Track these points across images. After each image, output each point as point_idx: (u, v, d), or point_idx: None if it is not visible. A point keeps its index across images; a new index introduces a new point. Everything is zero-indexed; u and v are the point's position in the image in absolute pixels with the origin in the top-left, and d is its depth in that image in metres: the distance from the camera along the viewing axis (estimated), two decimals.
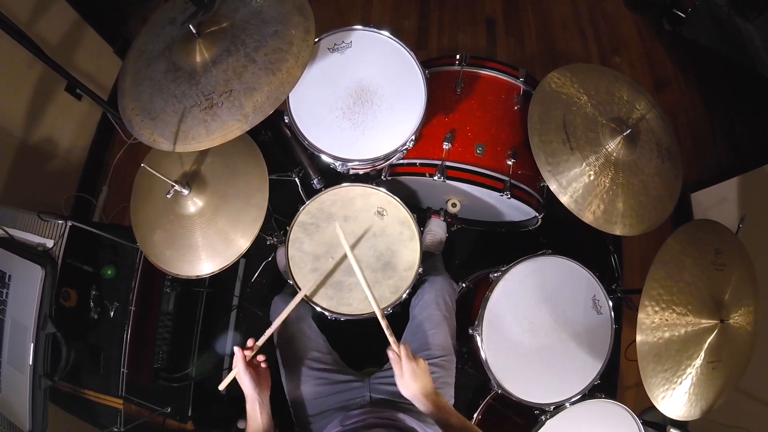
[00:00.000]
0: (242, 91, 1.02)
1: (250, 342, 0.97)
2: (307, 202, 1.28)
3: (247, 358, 0.94)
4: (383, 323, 0.98)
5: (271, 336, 1.03)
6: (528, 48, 2.31)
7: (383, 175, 1.39)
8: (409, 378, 0.91)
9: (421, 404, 0.92)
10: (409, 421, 0.96)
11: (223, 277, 1.73)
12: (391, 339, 0.97)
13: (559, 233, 1.60)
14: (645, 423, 1.24)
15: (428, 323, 1.19)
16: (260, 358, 0.98)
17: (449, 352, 1.18)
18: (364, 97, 1.27)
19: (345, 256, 1.21)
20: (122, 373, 1.29)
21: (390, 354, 0.96)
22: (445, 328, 1.20)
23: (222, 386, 0.96)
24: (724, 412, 1.16)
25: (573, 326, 1.25)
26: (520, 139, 1.32)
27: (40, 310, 1.15)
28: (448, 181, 1.28)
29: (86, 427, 1.40)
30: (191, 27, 1.03)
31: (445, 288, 1.27)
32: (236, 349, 0.95)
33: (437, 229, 1.67)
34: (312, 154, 1.31)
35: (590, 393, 1.23)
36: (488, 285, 1.27)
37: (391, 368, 1.16)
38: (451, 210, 1.51)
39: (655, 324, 1.04)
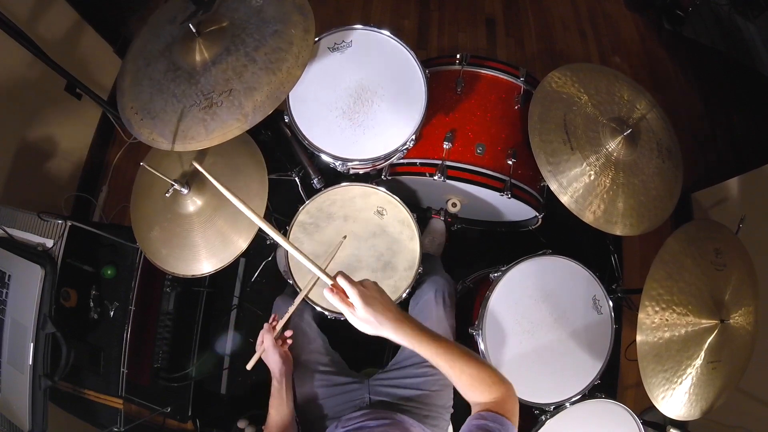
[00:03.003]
0: (242, 90, 1.02)
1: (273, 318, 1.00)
2: (306, 202, 1.28)
3: (276, 334, 0.96)
4: (293, 251, 0.76)
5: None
6: (528, 48, 2.31)
7: (383, 174, 1.39)
8: (363, 308, 0.72)
9: (396, 334, 0.73)
10: (409, 423, 0.95)
11: (223, 277, 1.73)
12: (315, 268, 0.76)
13: (559, 233, 1.60)
14: (645, 423, 1.24)
15: (427, 323, 1.18)
16: (287, 333, 0.99)
17: None
18: (364, 96, 1.27)
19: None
20: (122, 373, 1.29)
21: (327, 293, 0.76)
22: (445, 328, 1.19)
23: (249, 365, 0.95)
24: (724, 412, 1.16)
25: (573, 326, 1.25)
26: (520, 139, 1.32)
27: (39, 310, 1.15)
28: (448, 181, 1.28)
29: (86, 427, 1.40)
30: (191, 26, 1.03)
31: (444, 287, 1.26)
32: (266, 326, 0.97)
33: (437, 230, 1.67)
34: (312, 154, 1.31)
35: (590, 393, 1.23)
36: (488, 285, 1.27)
37: (391, 370, 1.17)
38: (451, 210, 1.51)
39: (655, 324, 1.04)
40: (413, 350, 0.76)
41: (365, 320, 0.73)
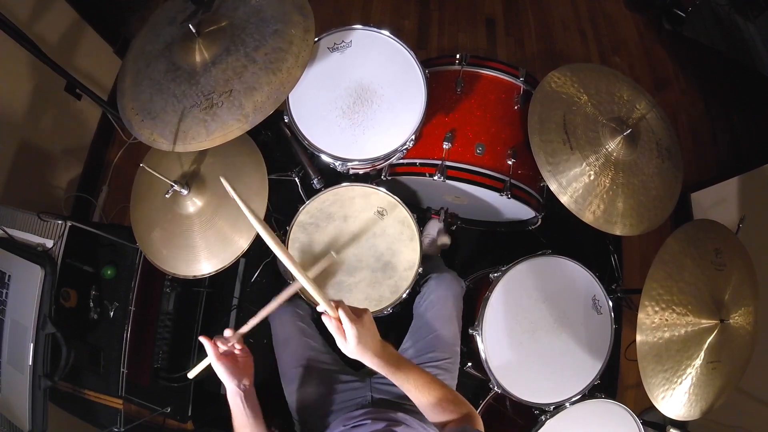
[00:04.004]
0: (242, 90, 1.02)
1: (227, 332, 0.87)
2: (306, 202, 1.28)
3: (220, 349, 0.85)
4: (303, 279, 0.77)
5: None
6: (528, 48, 2.31)
7: (383, 174, 1.39)
8: (355, 343, 0.78)
9: (373, 364, 0.82)
10: (411, 422, 0.95)
11: (223, 277, 1.72)
12: (320, 299, 0.79)
13: (559, 233, 1.60)
14: (645, 423, 1.24)
15: (434, 324, 1.19)
16: (237, 346, 0.87)
17: (454, 354, 1.17)
18: (364, 96, 1.27)
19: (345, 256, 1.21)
20: (122, 373, 1.28)
21: (325, 320, 0.81)
22: (450, 328, 1.19)
23: (191, 374, 0.88)
24: (724, 412, 1.16)
25: (573, 326, 1.25)
26: (520, 139, 1.32)
27: (39, 310, 1.15)
28: (448, 181, 1.27)
29: (86, 427, 1.40)
30: (191, 26, 1.03)
31: (451, 286, 1.25)
32: (201, 339, 0.86)
33: (435, 232, 1.66)
34: (312, 154, 1.31)
35: (590, 393, 1.23)
36: (488, 285, 1.27)
37: None
38: (455, 202, 1.48)
39: (655, 324, 1.04)
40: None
41: (352, 352, 0.81)
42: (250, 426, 0.86)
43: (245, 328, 0.86)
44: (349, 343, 0.79)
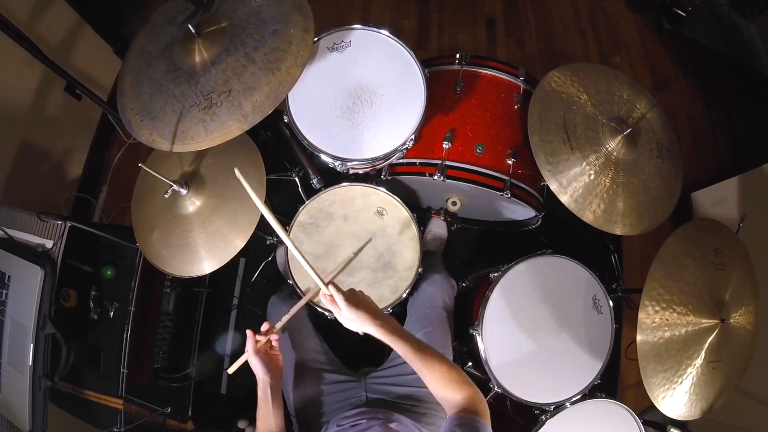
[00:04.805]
0: (241, 90, 1.02)
1: (265, 326, 0.95)
2: (306, 202, 1.28)
3: (259, 343, 0.93)
4: (305, 264, 0.89)
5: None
6: (528, 48, 2.31)
7: (383, 174, 1.39)
8: (347, 309, 0.88)
9: (374, 328, 0.87)
10: (405, 421, 0.95)
11: (223, 277, 1.73)
12: (316, 279, 0.90)
13: (559, 233, 1.60)
14: (645, 423, 1.24)
15: (425, 321, 1.20)
16: (273, 337, 0.96)
17: (446, 351, 1.17)
18: (363, 96, 1.27)
19: (347, 256, 1.21)
20: (122, 373, 1.29)
21: (322, 297, 0.92)
22: (442, 326, 1.20)
23: (231, 369, 0.94)
24: (724, 412, 1.16)
25: (573, 326, 1.25)
26: (520, 139, 1.32)
27: (39, 310, 1.15)
28: (448, 181, 1.27)
29: (86, 427, 1.40)
30: (190, 27, 1.03)
31: (443, 286, 1.27)
32: (248, 332, 0.93)
33: (438, 228, 1.67)
34: (311, 154, 1.31)
35: (590, 393, 1.23)
36: (488, 284, 1.27)
37: (388, 367, 1.17)
38: (452, 209, 1.50)
39: (655, 324, 1.04)
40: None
41: (350, 319, 0.89)
42: (272, 415, 0.93)
43: (280, 324, 0.95)
44: (342, 309, 0.88)
